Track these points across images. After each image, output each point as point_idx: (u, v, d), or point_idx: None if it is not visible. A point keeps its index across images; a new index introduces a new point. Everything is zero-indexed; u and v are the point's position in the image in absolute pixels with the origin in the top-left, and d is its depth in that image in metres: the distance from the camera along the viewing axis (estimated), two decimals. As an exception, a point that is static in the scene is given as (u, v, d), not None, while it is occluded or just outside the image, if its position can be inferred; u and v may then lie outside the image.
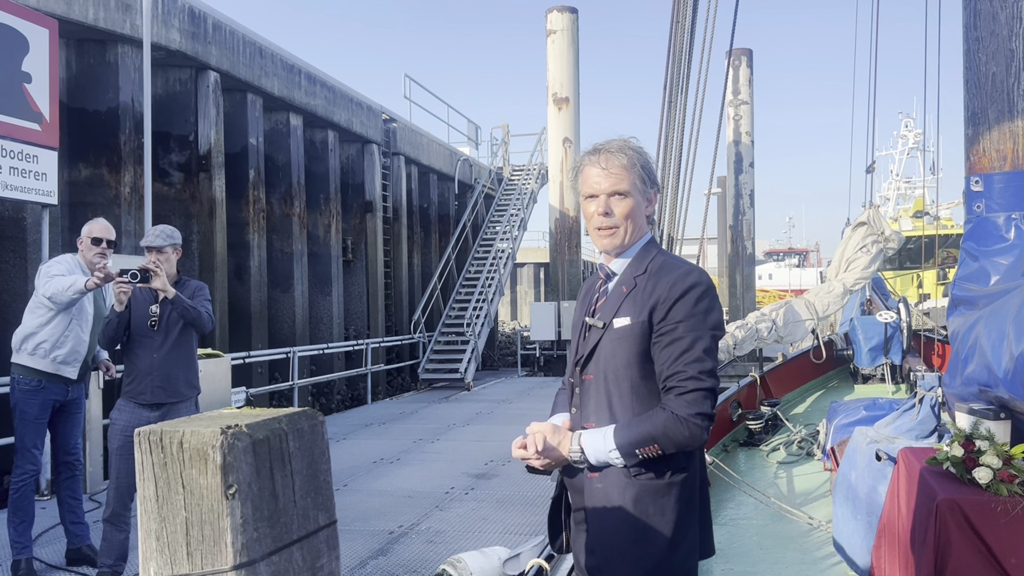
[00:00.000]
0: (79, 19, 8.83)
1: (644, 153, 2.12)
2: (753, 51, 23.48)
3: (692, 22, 5.54)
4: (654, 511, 1.96)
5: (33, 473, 4.73)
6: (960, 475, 2.52)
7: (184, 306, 4.33)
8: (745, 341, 6.57)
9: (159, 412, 4.36)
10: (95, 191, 9.55)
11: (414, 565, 5.06)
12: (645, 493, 1.97)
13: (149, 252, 4.41)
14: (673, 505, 1.97)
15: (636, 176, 2.07)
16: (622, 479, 1.98)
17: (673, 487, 1.98)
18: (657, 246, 2.15)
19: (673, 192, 6.10)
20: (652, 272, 2.05)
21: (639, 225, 2.11)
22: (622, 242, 2.10)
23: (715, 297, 2.02)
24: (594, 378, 2.07)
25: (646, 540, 1.96)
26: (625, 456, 1.95)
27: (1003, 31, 3.22)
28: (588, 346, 2.10)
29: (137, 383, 4.38)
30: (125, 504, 4.36)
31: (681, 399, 1.92)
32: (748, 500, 5.17)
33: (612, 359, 2.04)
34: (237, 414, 1.51)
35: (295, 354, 11.79)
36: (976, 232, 3.40)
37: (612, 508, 1.99)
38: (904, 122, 29.28)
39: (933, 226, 18.08)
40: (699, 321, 1.95)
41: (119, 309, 4.30)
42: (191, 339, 4.52)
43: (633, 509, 1.97)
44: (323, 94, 14.22)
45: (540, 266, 37.20)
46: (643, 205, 2.11)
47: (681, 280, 1.99)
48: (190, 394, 4.52)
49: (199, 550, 1.35)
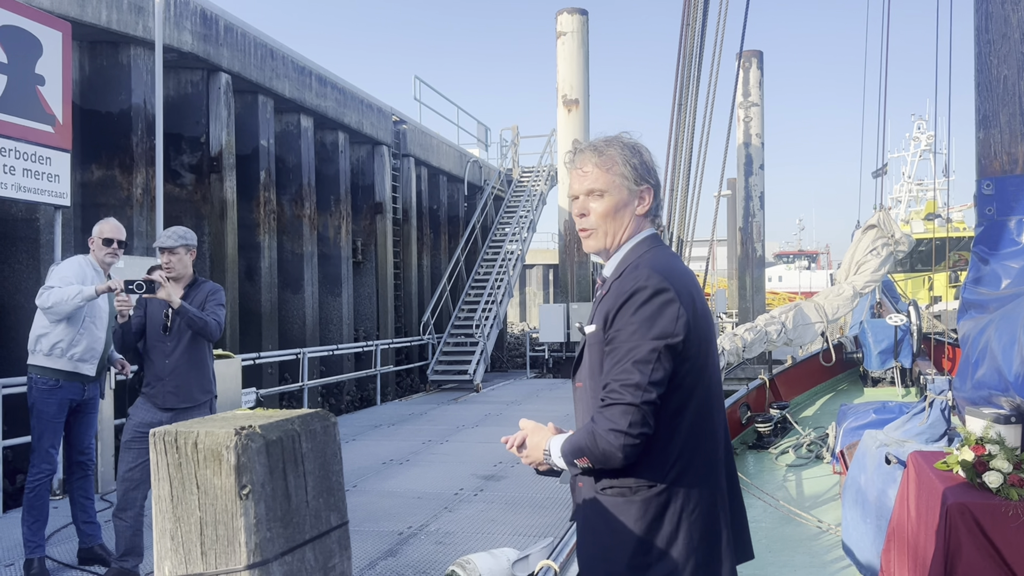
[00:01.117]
0: (92, 21, 8.89)
1: (635, 148, 2.00)
2: (764, 53, 23.42)
3: (703, 24, 5.53)
4: (617, 525, 1.88)
5: (49, 473, 4.77)
6: (970, 479, 2.51)
7: (191, 316, 4.30)
8: (754, 344, 6.56)
9: (171, 414, 4.37)
10: (107, 192, 9.61)
11: (423, 566, 5.07)
12: (610, 507, 1.90)
13: (162, 253, 4.41)
14: (634, 523, 1.86)
15: (617, 173, 1.96)
16: (590, 491, 1.94)
17: (633, 505, 1.87)
18: (650, 244, 2.01)
19: (683, 194, 6.09)
20: (624, 275, 1.93)
21: (624, 224, 1.99)
22: (604, 244, 2.01)
23: (665, 303, 1.84)
24: (582, 385, 2.03)
25: (607, 556, 1.90)
26: (568, 465, 1.92)
27: (1015, 34, 3.21)
28: (577, 352, 2.06)
29: (152, 387, 4.42)
30: (132, 499, 4.38)
31: (600, 413, 1.82)
32: (757, 503, 5.17)
33: (590, 365, 1.98)
34: (251, 415, 1.52)
35: (305, 355, 11.83)
36: (987, 235, 3.39)
37: (587, 517, 1.96)
38: (916, 124, 29.16)
39: (944, 229, 17.99)
40: (636, 329, 1.82)
41: (122, 321, 4.36)
42: (204, 344, 4.52)
43: (599, 522, 1.91)
44: (334, 96, 14.27)
45: (549, 267, 37.18)
46: (630, 202, 1.98)
47: (628, 284, 1.87)
48: (204, 399, 4.51)
49: (213, 550, 1.37)
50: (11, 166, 6.25)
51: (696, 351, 1.89)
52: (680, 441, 1.88)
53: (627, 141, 2.01)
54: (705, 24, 5.56)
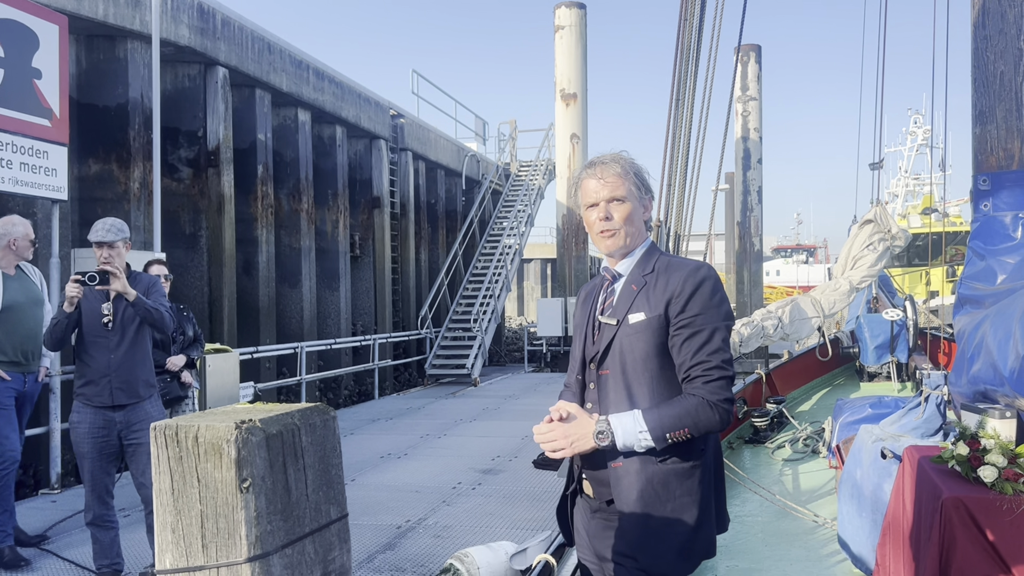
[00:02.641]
0: (89, 15, 8.87)
1: (636, 164, 2.28)
2: (762, 47, 23.40)
3: (700, 19, 5.54)
4: (681, 492, 2.09)
5: (13, 460, 4.89)
6: (965, 473, 2.53)
7: (146, 307, 4.13)
8: (751, 338, 6.58)
9: (122, 412, 4.19)
10: (105, 187, 9.60)
11: (421, 559, 5.09)
12: (672, 476, 2.09)
13: (99, 248, 4.14)
14: (697, 486, 2.11)
15: (631, 183, 2.23)
16: (649, 465, 2.09)
17: (696, 469, 2.11)
18: (659, 250, 2.30)
19: (680, 188, 6.10)
20: (661, 270, 2.19)
21: (639, 229, 2.26)
22: (623, 243, 2.24)
23: (724, 290, 2.16)
24: (611, 372, 2.18)
25: (677, 520, 2.09)
26: (656, 439, 2.04)
27: (1011, 30, 3.22)
28: (603, 343, 2.20)
29: (93, 385, 4.17)
30: (106, 504, 4.24)
31: (708, 386, 2.05)
32: (753, 497, 5.19)
33: (630, 353, 2.15)
34: (251, 409, 1.53)
35: (303, 349, 11.83)
36: (983, 231, 3.41)
37: (642, 493, 2.09)
38: (913, 118, 29.15)
39: (941, 223, 18.02)
40: (715, 313, 2.09)
41: (68, 310, 4.10)
42: (147, 338, 4.32)
43: (663, 492, 2.09)
44: (331, 90, 14.24)
45: (547, 262, 37.22)
46: (640, 210, 2.26)
47: (694, 275, 2.13)
48: (148, 393, 4.32)
49: (214, 542, 1.38)
50: (8, 160, 6.24)
51: None
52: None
53: (628, 158, 2.29)
54: (703, 19, 5.56)
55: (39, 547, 5.17)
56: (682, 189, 5.98)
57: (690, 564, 2.12)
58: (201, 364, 7.13)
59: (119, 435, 4.21)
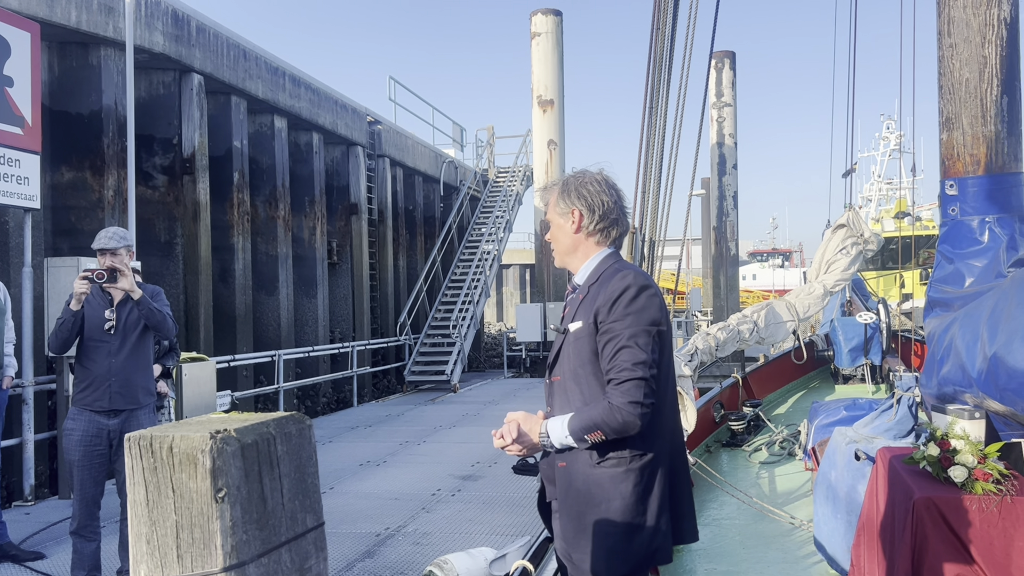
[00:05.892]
0: (61, 22, 8.78)
1: (572, 175, 2.39)
2: (736, 54, 23.60)
3: (672, 28, 5.58)
4: (615, 495, 2.16)
5: None
6: (936, 474, 2.57)
7: (150, 308, 4.15)
8: (727, 343, 6.62)
9: (119, 419, 4.18)
10: (78, 194, 9.50)
11: (401, 567, 5.07)
12: (607, 479, 2.17)
13: (102, 255, 4.17)
14: (631, 490, 2.16)
15: (553, 203, 2.38)
16: (585, 467, 2.20)
17: (631, 473, 2.17)
18: (617, 258, 2.38)
19: (655, 194, 6.14)
20: (601, 280, 2.29)
21: (570, 244, 2.37)
22: (561, 261, 2.42)
23: (652, 295, 2.21)
24: (560, 379, 2.33)
25: (608, 521, 2.15)
26: (577, 440, 2.16)
27: (976, 38, 3.28)
28: (554, 350, 2.37)
29: (93, 390, 4.16)
30: (92, 514, 4.20)
31: (616, 389, 2.12)
32: (731, 500, 5.23)
33: (571, 360, 2.28)
34: (226, 419, 1.53)
35: (280, 357, 11.76)
36: (951, 235, 3.47)
37: (578, 493, 2.20)
38: (885, 124, 29.55)
39: (913, 227, 18.25)
40: (632, 319, 2.16)
41: (76, 308, 4.09)
42: (149, 344, 4.34)
43: (595, 493, 2.17)
44: (308, 96, 14.19)
45: (526, 267, 37.22)
46: (566, 226, 2.36)
47: (618, 283, 2.21)
48: (147, 401, 4.33)
49: (189, 552, 1.37)
50: (-21, 168, 6.16)
51: (668, 336, 2.27)
52: (664, 413, 2.24)
53: (567, 176, 2.41)
54: (675, 26, 5.61)
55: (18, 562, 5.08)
56: (656, 195, 6.02)
57: (625, 567, 2.16)
58: (177, 373, 7.07)
59: (111, 443, 4.18)
